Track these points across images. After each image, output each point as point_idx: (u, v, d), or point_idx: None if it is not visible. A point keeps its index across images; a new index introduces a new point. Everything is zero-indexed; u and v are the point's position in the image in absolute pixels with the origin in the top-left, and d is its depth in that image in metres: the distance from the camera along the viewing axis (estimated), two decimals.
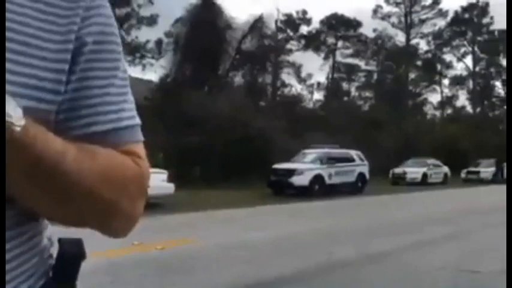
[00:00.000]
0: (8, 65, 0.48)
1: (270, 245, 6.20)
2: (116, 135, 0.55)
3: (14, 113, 0.43)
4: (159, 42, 24.47)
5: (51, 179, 0.48)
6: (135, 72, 23.00)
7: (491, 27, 40.73)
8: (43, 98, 0.51)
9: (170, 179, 11.19)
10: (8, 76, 0.48)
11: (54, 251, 0.58)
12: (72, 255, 0.58)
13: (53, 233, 0.61)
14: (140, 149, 0.57)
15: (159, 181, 10.55)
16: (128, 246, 5.48)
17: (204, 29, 21.89)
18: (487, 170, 25.35)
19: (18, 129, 0.43)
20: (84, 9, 0.55)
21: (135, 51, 22.87)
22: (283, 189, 15.06)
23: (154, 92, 21.12)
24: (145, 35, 24.51)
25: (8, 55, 0.49)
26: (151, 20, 23.41)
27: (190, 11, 23.53)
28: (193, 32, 22.38)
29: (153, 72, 24.35)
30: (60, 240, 0.59)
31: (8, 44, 0.49)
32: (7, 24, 0.49)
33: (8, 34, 0.49)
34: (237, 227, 7.98)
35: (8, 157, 0.44)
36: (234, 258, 5.34)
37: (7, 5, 0.50)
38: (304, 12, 37.05)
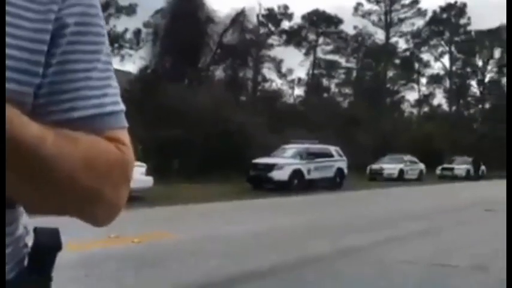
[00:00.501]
0: None
1: (248, 239, 6.22)
2: (99, 121, 0.53)
3: None
4: (137, 33, 24.09)
5: (30, 164, 0.46)
6: (113, 62, 22.61)
7: (468, 28, 41.69)
8: (15, 78, 0.48)
9: (149, 172, 11.10)
10: None
11: (30, 240, 0.57)
12: (48, 246, 0.56)
13: (28, 222, 0.59)
14: (124, 135, 0.55)
15: (137, 174, 10.43)
16: (104, 239, 5.42)
17: (185, 21, 21.65)
18: (460, 167, 26.03)
19: None
20: None
21: (113, 41, 22.46)
22: (262, 184, 15.11)
23: (133, 83, 20.82)
24: (124, 25, 24.02)
25: None
26: (130, 10, 23.00)
27: (170, 2, 23.23)
28: (174, 23, 22.11)
29: (132, 63, 23.91)
30: (36, 230, 0.57)
31: None
32: None
33: None
34: (215, 221, 7.98)
35: None
36: (211, 252, 5.34)
37: None
38: (286, 7, 37.11)
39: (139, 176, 10.50)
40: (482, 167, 26.60)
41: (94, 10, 0.55)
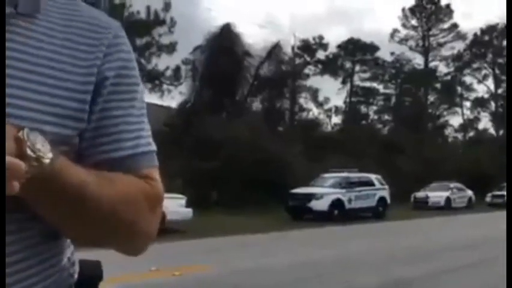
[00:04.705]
0: (34, 96, 0.54)
1: (287, 271, 6.10)
2: (134, 161, 0.60)
3: (43, 147, 0.50)
4: (177, 69, 24.98)
5: (75, 205, 0.53)
6: (155, 98, 23.44)
7: None
8: (66, 124, 0.56)
9: (188, 204, 11.22)
10: (33, 105, 0.54)
11: (75, 270, 0.63)
12: (91, 276, 0.64)
13: (73, 254, 0.64)
14: (155, 173, 0.62)
15: (177, 206, 10.58)
16: (145, 272, 5.48)
17: (223, 56, 22.30)
18: None
19: (47, 161, 0.50)
20: (106, 46, 0.61)
21: (154, 78, 23.38)
22: (301, 214, 14.88)
23: (174, 118, 21.44)
24: (165, 62, 25.03)
25: (33, 86, 0.54)
26: (171, 48, 23.97)
27: (209, 38, 24.06)
28: (212, 59, 22.81)
29: (171, 98, 24.70)
30: (80, 262, 0.64)
31: (36, 77, 0.55)
32: (39, 60, 0.56)
33: (37, 69, 0.55)
34: (254, 253, 7.89)
35: (36, 186, 0.50)
36: (250, 285, 5.26)
37: (40, 41, 0.56)
38: (321, 37, 37.43)
39: (180, 208, 10.63)
40: None
41: (131, 64, 0.63)
